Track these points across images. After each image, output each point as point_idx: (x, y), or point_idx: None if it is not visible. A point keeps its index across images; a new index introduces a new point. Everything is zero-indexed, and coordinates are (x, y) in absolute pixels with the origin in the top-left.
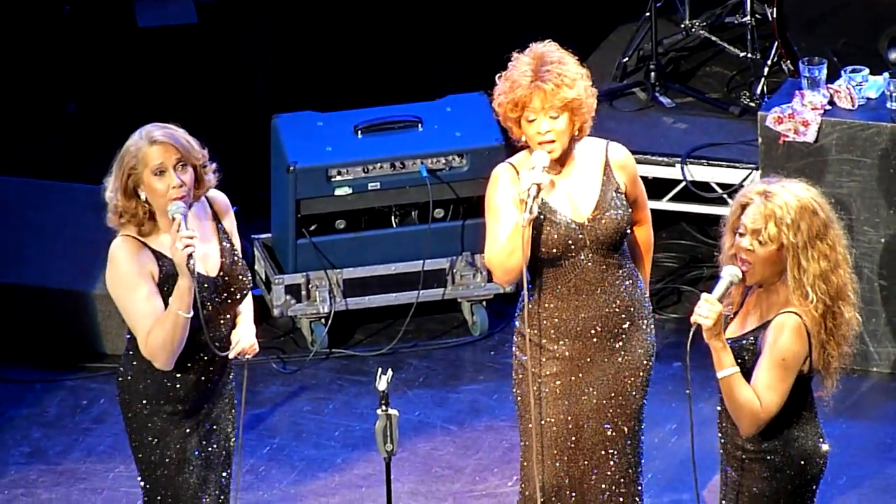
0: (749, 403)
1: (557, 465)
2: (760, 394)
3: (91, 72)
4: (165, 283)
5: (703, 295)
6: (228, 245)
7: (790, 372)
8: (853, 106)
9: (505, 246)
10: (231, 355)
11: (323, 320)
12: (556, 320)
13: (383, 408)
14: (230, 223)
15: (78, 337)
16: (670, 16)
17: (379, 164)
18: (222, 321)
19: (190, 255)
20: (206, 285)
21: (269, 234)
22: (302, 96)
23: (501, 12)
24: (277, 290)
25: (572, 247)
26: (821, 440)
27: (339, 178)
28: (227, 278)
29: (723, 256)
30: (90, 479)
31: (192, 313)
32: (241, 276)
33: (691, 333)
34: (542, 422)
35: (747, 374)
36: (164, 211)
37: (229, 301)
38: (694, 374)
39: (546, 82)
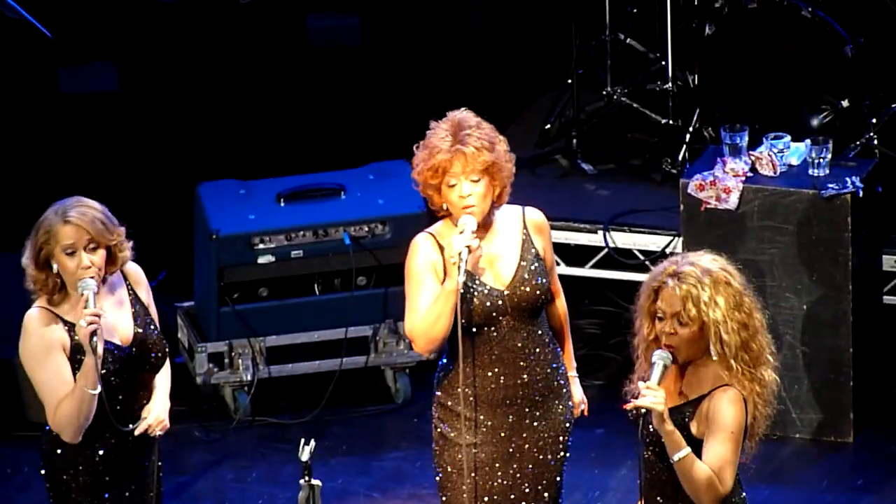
0: (708, 481)
1: None
2: (717, 470)
3: (11, 136)
4: (76, 354)
5: (642, 384)
6: (143, 315)
7: (740, 443)
8: (775, 173)
9: (429, 313)
10: (137, 431)
11: (246, 388)
12: (477, 389)
13: (306, 478)
14: (145, 294)
15: (0, 404)
16: (592, 83)
17: (302, 232)
18: (138, 392)
19: (94, 333)
20: (118, 355)
21: (192, 302)
22: (224, 163)
23: (425, 82)
24: (200, 359)
25: (493, 315)
26: None
27: (261, 245)
28: (141, 348)
29: (639, 340)
30: None
31: (98, 389)
32: (155, 346)
33: (641, 422)
34: (465, 488)
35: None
36: (75, 286)
37: (144, 372)
38: (617, 439)
39: (467, 146)
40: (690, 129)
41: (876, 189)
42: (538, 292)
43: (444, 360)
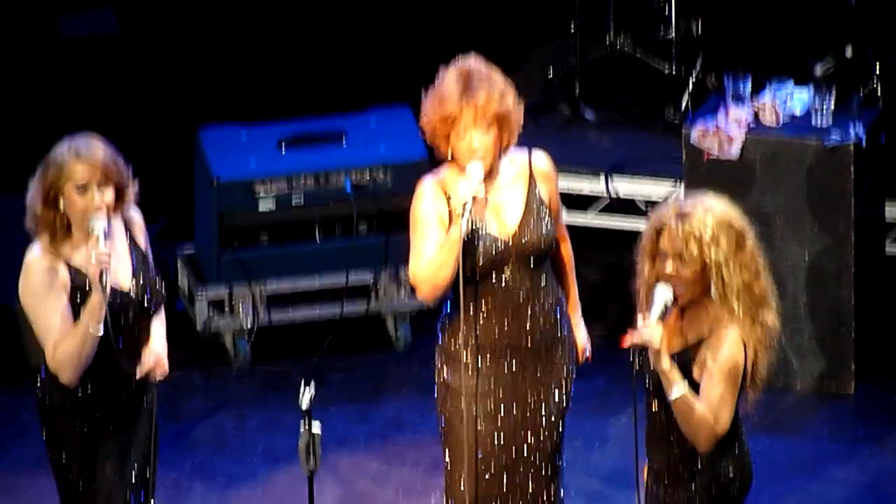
0: (704, 420)
1: (481, 482)
2: (714, 409)
3: (13, 81)
4: (75, 295)
5: (641, 320)
6: (141, 259)
7: (737, 383)
8: (778, 122)
9: (434, 260)
10: (138, 375)
11: (246, 335)
12: (480, 337)
13: (306, 425)
14: (143, 239)
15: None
16: (595, 32)
17: (303, 179)
18: (136, 336)
19: (104, 271)
20: (119, 299)
21: (193, 247)
22: (226, 107)
23: (427, 27)
24: (200, 304)
25: (498, 262)
26: (747, 456)
27: (262, 191)
28: (139, 293)
29: (640, 282)
30: (13, 494)
31: (101, 330)
32: (154, 292)
33: (638, 358)
34: (466, 438)
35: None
36: (82, 225)
37: (142, 316)
38: (618, 388)
39: (477, 96)
40: (693, 77)
41: (879, 139)
42: (543, 241)
43: (448, 308)
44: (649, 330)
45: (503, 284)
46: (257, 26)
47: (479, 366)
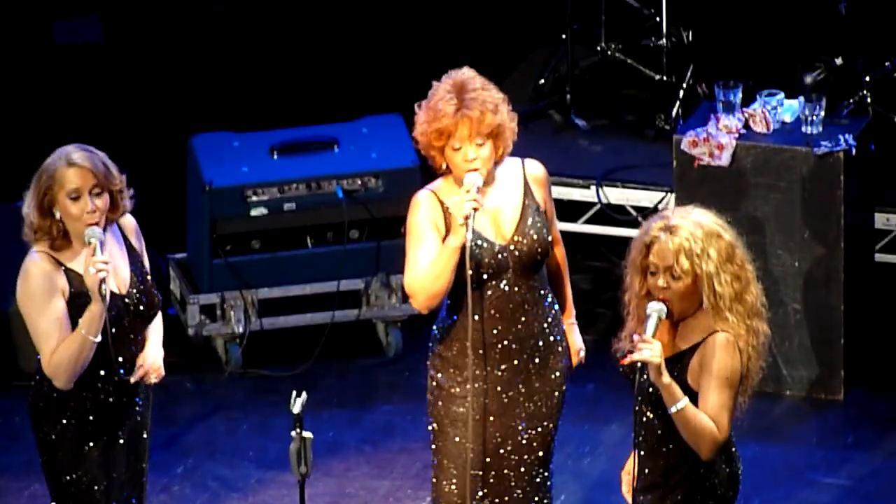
0: (706, 429)
1: (472, 486)
2: (714, 416)
3: (5, 88)
4: (73, 301)
5: (637, 337)
6: (138, 265)
7: (735, 389)
8: (768, 130)
9: (430, 270)
10: (133, 379)
11: (238, 340)
12: (476, 342)
13: (297, 430)
14: (139, 244)
15: None
16: (586, 38)
17: (295, 185)
18: (131, 341)
19: (103, 281)
20: (116, 305)
21: (185, 254)
22: (218, 116)
23: (419, 35)
24: (192, 310)
25: (495, 269)
26: (736, 464)
27: (254, 198)
28: (136, 298)
29: (630, 296)
30: (5, 498)
31: (100, 338)
32: (150, 297)
33: (638, 377)
34: (458, 440)
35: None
36: (78, 232)
37: (139, 321)
38: (608, 395)
39: (472, 110)
40: (684, 85)
41: (869, 147)
42: (539, 246)
43: (444, 314)
44: (648, 347)
45: (500, 290)
46: (250, 35)
47: (474, 370)
